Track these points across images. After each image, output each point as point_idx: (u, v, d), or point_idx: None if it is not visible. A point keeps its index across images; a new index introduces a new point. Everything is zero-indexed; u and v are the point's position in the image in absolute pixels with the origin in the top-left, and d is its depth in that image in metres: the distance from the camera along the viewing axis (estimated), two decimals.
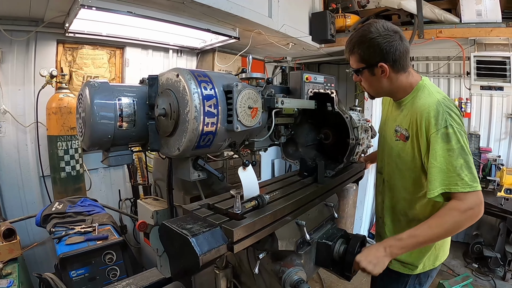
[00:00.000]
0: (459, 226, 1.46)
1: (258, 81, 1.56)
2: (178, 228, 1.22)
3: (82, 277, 2.09)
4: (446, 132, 1.48)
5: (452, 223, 1.45)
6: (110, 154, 1.45)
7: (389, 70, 1.61)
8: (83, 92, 1.38)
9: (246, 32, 3.74)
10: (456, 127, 1.49)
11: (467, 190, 1.43)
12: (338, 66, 6.47)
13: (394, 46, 1.56)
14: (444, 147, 1.48)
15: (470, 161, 1.47)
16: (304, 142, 2.09)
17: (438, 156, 1.48)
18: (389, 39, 1.55)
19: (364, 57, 1.63)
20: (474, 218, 1.45)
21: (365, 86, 1.78)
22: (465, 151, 1.47)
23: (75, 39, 3.39)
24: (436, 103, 1.55)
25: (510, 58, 4.30)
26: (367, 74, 1.68)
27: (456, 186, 1.44)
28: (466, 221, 1.44)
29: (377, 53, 1.58)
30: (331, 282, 4.03)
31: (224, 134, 1.34)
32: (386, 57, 1.58)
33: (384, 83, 1.68)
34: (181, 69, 1.29)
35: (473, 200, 1.44)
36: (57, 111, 3.02)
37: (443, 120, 1.49)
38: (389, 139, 1.85)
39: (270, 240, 1.50)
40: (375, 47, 1.57)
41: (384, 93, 1.79)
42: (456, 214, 1.44)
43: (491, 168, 4.24)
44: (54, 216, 2.55)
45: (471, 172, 1.45)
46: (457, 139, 1.47)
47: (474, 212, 1.44)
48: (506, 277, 4.07)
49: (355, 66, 1.70)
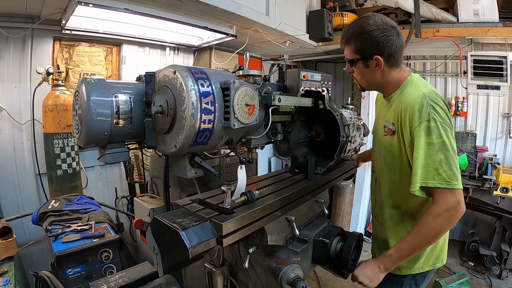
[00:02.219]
0: (437, 231, 1.46)
1: (255, 78, 1.56)
2: (169, 222, 1.25)
3: (79, 275, 2.08)
4: (428, 126, 1.46)
5: (430, 229, 1.45)
6: (106, 152, 1.45)
7: (383, 64, 1.61)
8: (79, 89, 1.38)
9: (243, 30, 3.73)
10: (440, 121, 1.46)
11: (443, 186, 1.41)
12: (335, 64, 6.48)
13: (391, 41, 1.56)
14: (425, 141, 1.46)
15: (451, 157, 1.44)
16: (296, 140, 2.10)
17: (420, 149, 1.47)
18: (386, 33, 1.56)
19: (360, 49, 1.63)
20: (452, 220, 1.44)
21: (357, 77, 1.77)
22: (446, 146, 1.45)
23: (71, 36, 3.37)
24: (421, 96, 1.53)
25: (507, 58, 4.33)
26: (361, 65, 1.68)
27: (433, 180, 1.43)
28: (443, 224, 1.45)
29: (373, 45, 1.58)
30: (328, 279, 4.04)
31: (221, 131, 1.34)
32: (382, 50, 1.58)
33: (376, 76, 1.68)
34: (178, 66, 1.29)
35: (449, 201, 1.42)
36: (53, 108, 3.01)
37: (426, 113, 1.48)
38: (380, 135, 1.84)
39: (260, 235, 1.52)
40: (372, 40, 1.57)
41: (375, 85, 1.78)
42: (432, 220, 1.44)
43: (487, 167, 4.25)
44: (50, 214, 2.54)
45: (450, 169, 1.42)
46: (438, 133, 1.45)
47: (450, 214, 1.42)
48: (502, 275, 4.09)
49: (349, 56, 1.70)
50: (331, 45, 4.95)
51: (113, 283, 1.22)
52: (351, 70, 1.77)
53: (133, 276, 1.27)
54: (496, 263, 4.16)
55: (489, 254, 4.19)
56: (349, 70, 1.78)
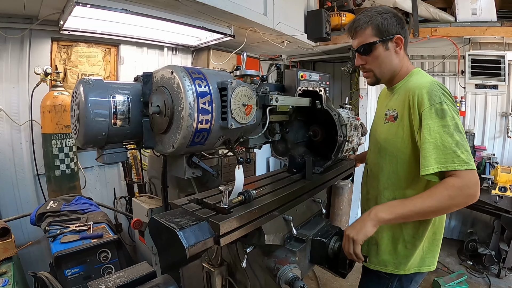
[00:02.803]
0: (453, 202, 1.39)
1: (252, 78, 1.56)
2: (167, 221, 1.25)
3: (77, 275, 2.08)
4: (441, 108, 1.43)
5: (447, 197, 1.37)
6: (104, 152, 1.44)
7: (403, 45, 1.61)
8: (77, 90, 1.37)
9: (241, 30, 3.74)
10: (450, 105, 1.44)
11: (464, 168, 1.35)
12: (333, 64, 6.49)
13: (403, 23, 1.61)
14: (439, 123, 1.42)
15: (465, 140, 1.41)
16: (294, 139, 2.10)
17: (432, 132, 1.42)
18: (397, 16, 1.62)
19: (381, 29, 1.60)
20: (470, 198, 1.38)
21: (374, 66, 1.70)
22: (459, 128, 1.42)
23: (69, 37, 3.37)
24: (430, 82, 1.51)
25: (505, 57, 4.34)
26: (381, 49, 1.63)
27: (453, 163, 1.37)
28: (461, 198, 1.37)
29: (394, 25, 1.58)
30: (326, 279, 4.04)
31: (218, 132, 1.34)
32: (401, 30, 1.59)
33: (394, 60, 1.66)
34: (175, 66, 1.29)
35: (470, 178, 1.36)
36: (51, 109, 3.01)
37: (437, 97, 1.45)
38: (379, 126, 1.80)
39: (257, 234, 1.52)
40: (392, 19, 1.59)
41: (390, 73, 1.71)
42: (453, 189, 1.36)
43: (485, 166, 4.26)
44: (48, 214, 2.54)
45: (467, 150, 1.38)
46: (452, 115, 1.42)
47: (471, 192, 1.37)
48: (501, 274, 4.09)
49: (368, 40, 1.63)
50: (329, 45, 4.96)
51: (111, 283, 1.23)
52: (363, 61, 1.71)
53: (131, 276, 1.28)
54: (495, 262, 4.16)
55: (488, 253, 4.19)
56: (361, 61, 1.73)
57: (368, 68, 1.72)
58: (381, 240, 1.72)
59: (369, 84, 1.81)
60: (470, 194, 1.37)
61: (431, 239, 1.69)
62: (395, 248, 1.69)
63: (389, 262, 1.71)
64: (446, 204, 1.39)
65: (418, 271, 1.70)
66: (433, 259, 1.73)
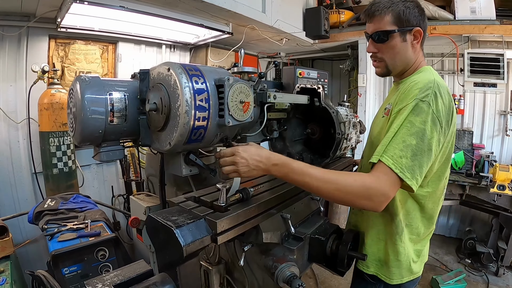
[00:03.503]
0: (345, 196, 1.25)
1: (250, 75, 1.55)
2: (163, 220, 1.24)
3: (75, 274, 2.07)
4: (420, 106, 1.27)
5: (345, 186, 1.23)
6: (101, 150, 1.44)
7: (420, 39, 1.49)
8: (74, 87, 1.37)
9: (240, 28, 3.73)
10: (433, 110, 1.27)
11: (391, 166, 1.21)
12: (332, 62, 6.49)
13: (424, 16, 1.49)
14: (408, 117, 1.27)
15: (421, 153, 1.23)
16: (292, 137, 2.09)
17: (397, 123, 1.29)
18: (419, 7, 1.48)
19: (401, 18, 1.44)
20: (368, 205, 1.23)
21: (387, 56, 1.54)
22: (424, 138, 1.24)
23: (67, 34, 3.36)
24: (430, 80, 1.36)
25: (504, 55, 4.34)
26: (397, 39, 1.47)
27: (389, 159, 1.22)
28: (358, 199, 1.23)
29: (416, 16, 1.45)
30: (325, 277, 4.04)
31: (215, 129, 1.34)
32: (422, 23, 1.46)
33: (409, 53, 1.51)
34: (172, 63, 1.28)
35: (385, 187, 1.21)
36: (49, 107, 3.00)
37: (424, 94, 1.29)
38: (376, 120, 1.72)
39: (255, 232, 1.51)
40: (415, 10, 1.45)
41: (403, 65, 1.56)
42: (357, 183, 1.22)
43: (484, 164, 4.26)
44: (46, 213, 2.53)
45: (413, 161, 1.22)
46: (424, 120, 1.25)
47: (373, 201, 1.21)
48: (499, 273, 4.10)
49: (386, 27, 1.46)
50: (328, 42, 4.96)
51: (108, 281, 1.22)
52: (375, 49, 1.56)
53: (128, 274, 1.27)
54: (493, 261, 4.17)
55: (486, 251, 4.20)
56: (373, 49, 1.56)
57: (380, 57, 1.57)
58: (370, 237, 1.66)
59: (378, 74, 1.66)
60: (371, 202, 1.22)
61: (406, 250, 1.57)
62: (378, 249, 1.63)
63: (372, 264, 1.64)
64: (340, 193, 1.25)
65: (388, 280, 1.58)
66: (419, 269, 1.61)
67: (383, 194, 1.21)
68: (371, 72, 4.95)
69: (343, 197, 1.27)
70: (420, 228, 1.56)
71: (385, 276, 1.58)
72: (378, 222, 1.61)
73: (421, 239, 1.60)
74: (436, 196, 1.55)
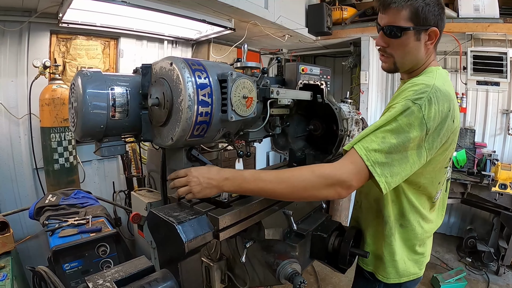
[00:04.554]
0: (310, 192, 1.22)
1: (253, 70, 1.54)
2: (165, 215, 1.24)
3: (76, 269, 2.07)
4: (410, 107, 1.20)
5: (300, 180, 1.21)
6: (102, 145, 1.43)
7: (435, 40, 1.39)
8: (75, 82, 1.36)
9: (242, 23, 3.71)
10: (424, 116, 1.19)
11: (362, 156, 1.17)
12: (334, 59, 6.48)
13: (443, 16, 1.38)
14: (394, 115, 1.21)
15: (398, 153, 1.19)
16: (294, 133, 2.09)
17: (383, 117, 1.25)
18: (443, 7, 1.38)
19: (419, 15, 1.33)
20: (329, 193, 1.20)
21: (397, 54, 1.45)
22: (404, 141, 1.18)
23: (68, 30, 3.34)
24: (429, 84, 1.26)
25: (507, 54, 4.33)
26: (411, 36, 1.37)
27: (359, 146, 1.19)
28: (319, 190, 1.20)
29: (435, 15, 1.34)
30: (326, 274, 4.04)
31: (218, 124, 1.33)
32: (440, 23, 1.36)
33: (421, 53, 1.42)
34: (175, 58, 1.27)
35: (348, 175, 1.17)
36: (50, 102, 2.99)
37: (418, 96, 1.22)
38: None
39: (257, 229, 1.51)
40: (435, 8, 1.33)
41: (410, 65, 1.48)
42: (314, 174, 1.20)
43: (486, 163, 4.25)
44: (47, 208, 2.52)
45: (387, 159, 1.17)
46: (410, 123, 1.18)
47: (338, 189, 1.18)
48: (500, 272, 4.10)
49: (400, 23, 1.36)
50: (330, 39, 4.94)
51: (109, 277, 1.22)
52: (385, 43, 1.45)
53: (129, 270, 1.27)
54: (494, 260, 4.17)
55: (487, 250, 4.20)
56: (383, 43, 1.46)
57: (390, 53, 1.47)
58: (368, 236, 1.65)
59: (384, 69, 1.57)
60: (335, 192, 1.19)
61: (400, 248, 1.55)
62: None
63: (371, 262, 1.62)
64: (294, 188, 1.23)
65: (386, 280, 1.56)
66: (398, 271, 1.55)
67: (344, 181, 1.18)
68: (374, 69, 4.93)
69: (301, 194, 1.24)
70: (418, 229, 1.52)
71: (382, 276, 1.57)
72: (374, 222, 1.60)
73: (420, 239, 1.56)
74: (430, 200, 1.53)
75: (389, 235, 1.52)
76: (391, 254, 1.53)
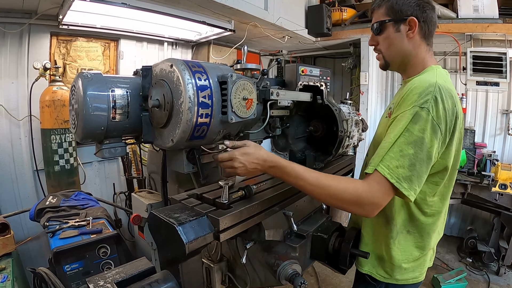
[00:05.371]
0: (342, 204, 1.29)
1: (253, 72, 1.54)
2: (166, 217, 1.24)
3: (76, 271, 2.07)
4: (418, 113, 1.24)
5: (338, 191, 1.26)
6: (103, 146, 1.44)
7: (417, 29, 1.44)
8: (76, 84, 1.36)
9: (242, 25, 3.72)
10: (433, 117, 1.23)
11: (386, 175, 1.21)
12: (334, 60, 6.48)
13: (427, 10, 1.45)
14: (406, 126, 1.24)
15: (419, 162, 1.22)
16: (294, 134, 2.09)
17: (395, 131, 1.27)
18: (423, 1, 1.46)
19: (394, 8, 1.46)
20: (358, 211, 1.27)
21: (383, 48, 1.56)
22: (422, 147, 1.22)
23: (69, 31, 3.35)
24: (431, 83, 1.30)
25: (507, 54, 4.33)
26: (391, 29, 1.49)
27: (385, 169, 1.22)
28: (350, 206, 1.26)
29: (410, 6, 1.44)
30: (326, 275, 4.04)
31: (218, 126, 1.33)
32: (418, 13, 1.44)
33: (405, 45, 1.49)
34: (175, 60, 1.28)
35: (377, 196, 1.22)
36: (50, 104, 2.99)
37: (423, 100, 1.25)
38: (382, 120, 1.71)
39: (258, 230, 1.51)
40: (410, 1, 1.44)
41: (400, 58, 1.54)
42: (352, 190, 1.24)
43: (486, 163, 4.25)
44: (48, 210, 2.53)
45: (411, 171, 1.21)
46: (423, 128, 1.22)
47: (364, 208, 1.24)
48: (500, 272, 4.10)
49: (379, 18, 1.51)
50: (330, 40, 4.95)
51: (110, 278, 1.22)
52: (375, 42, 1.58)
53: (130, 271, 1.27)
54: (494, 260, 4.17)
55: (487, 250, 4.20)
56: (373, 42, 1.60)
57: (379, 49, 1.59)
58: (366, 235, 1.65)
59: (380, 67, 1.67)
60: (365, 210, 1.25)
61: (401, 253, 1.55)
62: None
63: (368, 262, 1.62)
64: (332, 197, 1.29)
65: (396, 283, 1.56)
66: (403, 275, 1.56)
67: (374, 203, 1.23)
68: (374, 70, 4.94)
69: (334, 203, 1.31)
70: (426, 237, 1.52)
71: (379, 275, 1.57)
72: (374, 223, 1.60)
73: (426, 246, 1.55)
74: (443, 207, 1.53)
75: (389, 238, 1.52)
76: (390, 257, 1.53)
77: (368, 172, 1.28)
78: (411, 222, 1.50)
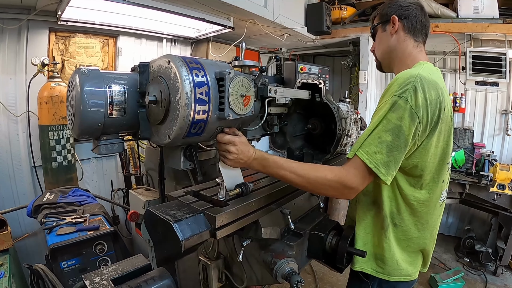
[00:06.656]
0: (321, 190, 1.43)
1: (251, 69, 1.53)
2: (162, 214, 1.24)
3: (73, 267, 2.07)
4: (397, 102, 1.28)
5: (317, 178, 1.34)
6: (100, 143, 1.42)
7: (398, 25, 1.58)
8: (73, 79, 1.35)
9: (241, 22, 3.72)
10: (412, 106, 1.27)
11: (365, 160, 1.27)
12: (333, 58, 6.47)
13: (411, 9, 1.59)
14: (385, 114, 1.29)
15: (396, 149, 1.27)
16: (292, 132, 2.09)
17: (374, 119, 1.33)
18: (408, 3, 1.61)
19: (381, 14, 1.66)
20: (338, 195, 1.40)
21: (376, 48, 1.74)
22: (399, 134, 1.26)
23: (67, 28, 3.34)
24: (413, 75, 1.34)
25: (506, 55, 4.34)
26: (380, 31, 1.67)
27: (361, 152, 1.29)
28: (329, 191, 1.36)
29: (393, 7, 1.61)
30: (323, 273, 4.05)
31: (215, 122, 1.32)
32: (400, 12, 1.59)
33: (390, 41, 1.62)
34: (172, 56, 1.27)
35: (355, 180, 1.29)
36: (48, 100, 2.98)
37: (402, 90, 1.29)
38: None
39: (254, 227, 1.51)
40: (397, 4, 1.62)
41: (385, 55, 1.67)
42: (329, 177, 1.32)
43: (484, 163, 4.25)
44: (45, 206, 2.52)
45: (388, 157, 1.27)
46: (400, 116, 1.27)
47: (343, 192, 1.33)
48: (497, 272, 4.11)
49: (374, 23, 1.71)
50: (330, 38, 4.94)
51: (106, 275, 1.22)
52: (373, 47, 1.76)
53: (126, 268, 1.27)
54: (492, 260, 4.18)
55: (485, 250, 4.21)
56: (372, 47, 1.77)
57: (373, 51, 1.77)
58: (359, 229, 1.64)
59: (376, 68, 1.82)
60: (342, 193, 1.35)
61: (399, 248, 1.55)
62: None
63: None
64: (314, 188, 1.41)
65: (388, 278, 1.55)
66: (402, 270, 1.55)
67: (352, 187, 1.31)
68: (373, 69, 4.93)
69: (313, 189, 1.43)
70: (413, 232, 1.53)
71: (371, 269, 1.57)
72: (366, 216, 1.60)
73: (415, 243, 1.55)
74: (432, 202, 1.52)
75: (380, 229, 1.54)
76: (381, 249, 1.53)
77: (349, 157, 1.36)
78: (399, 215, 1.50)
